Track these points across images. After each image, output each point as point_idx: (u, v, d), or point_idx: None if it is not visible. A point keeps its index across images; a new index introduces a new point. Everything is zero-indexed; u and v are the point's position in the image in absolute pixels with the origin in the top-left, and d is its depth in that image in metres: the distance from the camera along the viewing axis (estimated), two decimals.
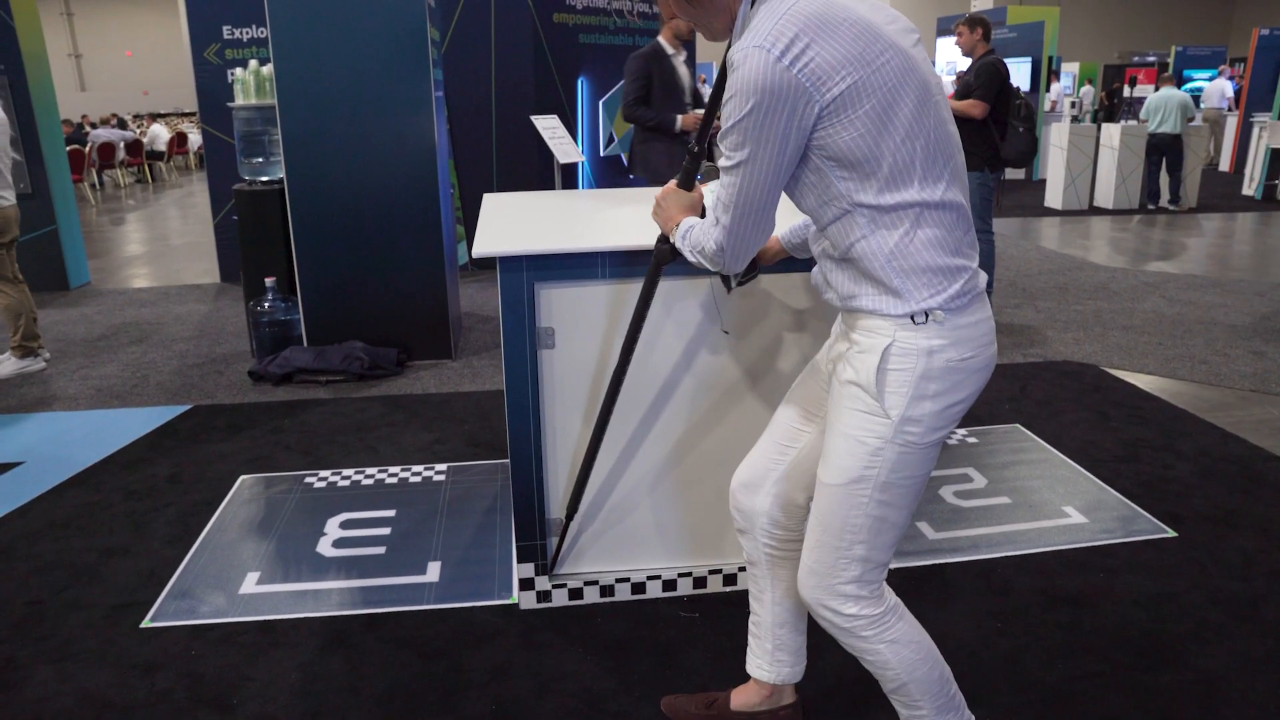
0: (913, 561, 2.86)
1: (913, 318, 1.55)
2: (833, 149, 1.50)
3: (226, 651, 2.51)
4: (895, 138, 1.49)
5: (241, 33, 7.32)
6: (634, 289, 2.42)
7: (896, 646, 1.72)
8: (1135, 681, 2.29)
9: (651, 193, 3.77)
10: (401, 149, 4.81)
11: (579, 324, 2.45)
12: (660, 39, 5.16)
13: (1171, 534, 3.01)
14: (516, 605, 2.65)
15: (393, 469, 3.66)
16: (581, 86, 7.31)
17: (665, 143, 5.13)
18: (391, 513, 3.28)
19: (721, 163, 1.56)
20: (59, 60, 28.13)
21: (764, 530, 1.95)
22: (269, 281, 5.01)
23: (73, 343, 5.89)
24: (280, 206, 4.99)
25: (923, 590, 2.70)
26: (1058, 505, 3.21)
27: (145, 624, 2.65)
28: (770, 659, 2.07)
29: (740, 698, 2.14)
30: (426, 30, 4.72)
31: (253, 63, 5.45)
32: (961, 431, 3.87)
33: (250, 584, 2.84)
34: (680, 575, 2.68)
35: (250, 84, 5.35)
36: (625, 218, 2.94)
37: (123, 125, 18.82)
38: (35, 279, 6.90)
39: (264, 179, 5.30)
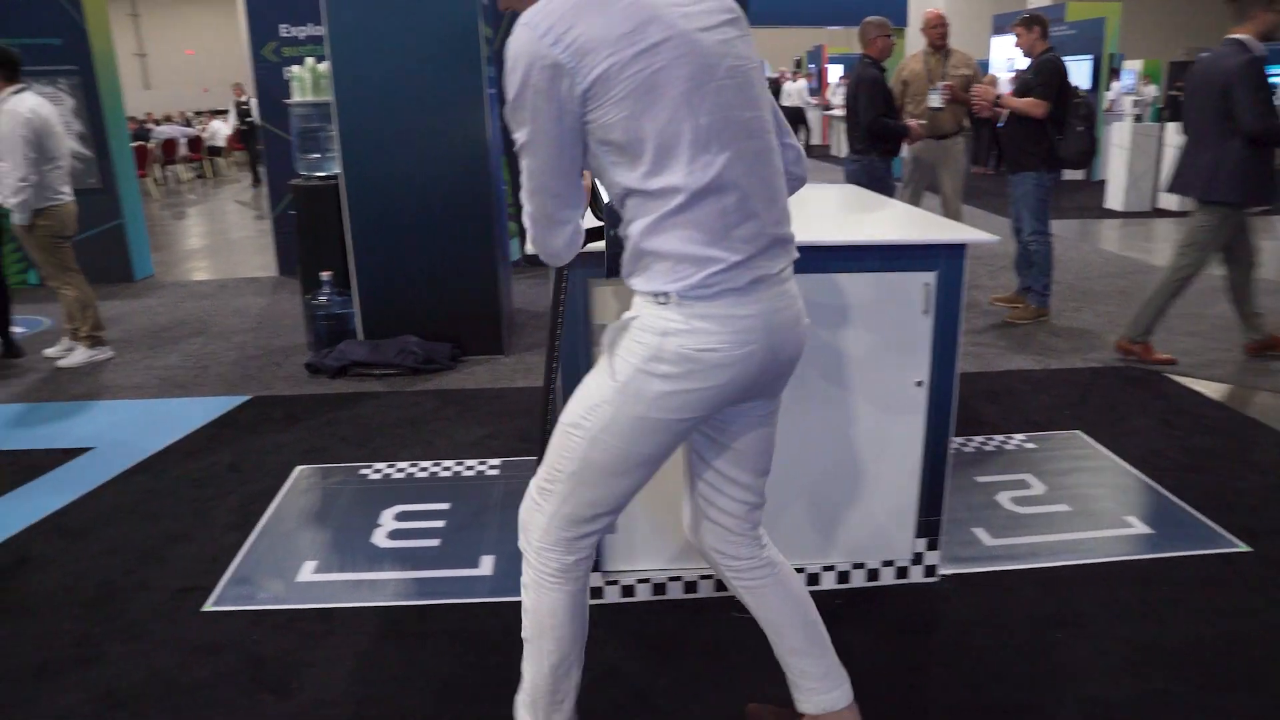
0: (969, 567, 2.82)
1: (655, 296, 1.55)
2: (601, 133, 1.49)
3: (285, 637, 2.55)
4: (659, 121, 1.46)
5: (298, 31, 7.45)
6: None
7: (537, 605, 1.77)
8: (1210, 703, 2.20)
9: None
10: (455, 145, 4.86)
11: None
12: None
13: (1245, 548, 2.91)
14: None
15: (446, 463, 3.70)
16: None
17: None
18: (445, 506, 3.31)
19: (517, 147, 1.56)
20: (125, 60, 28.80)
21: (722, 566, 1.92)
22: (325, 276, 5.09)
23: (137, 333, 6.04)
24: (336, 202, 5.06)
25: (979, 596, 2.67)
26: (1120, 515, 3.15)
27: (207, 608, 2.71)
28: (800, 690, 1.98)
29: None
30: (479, 27, 4.77)
31: (309, 60, 5.54)
32: (1019, 437, 3.81)
33: (308, 572, 2.89)
34: None
35: (307, 81, 5.44)
36: None
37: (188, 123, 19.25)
38: (101, 272, 7.10)
39: (320, 174, 5.39)
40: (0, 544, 3.15)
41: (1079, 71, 11.67)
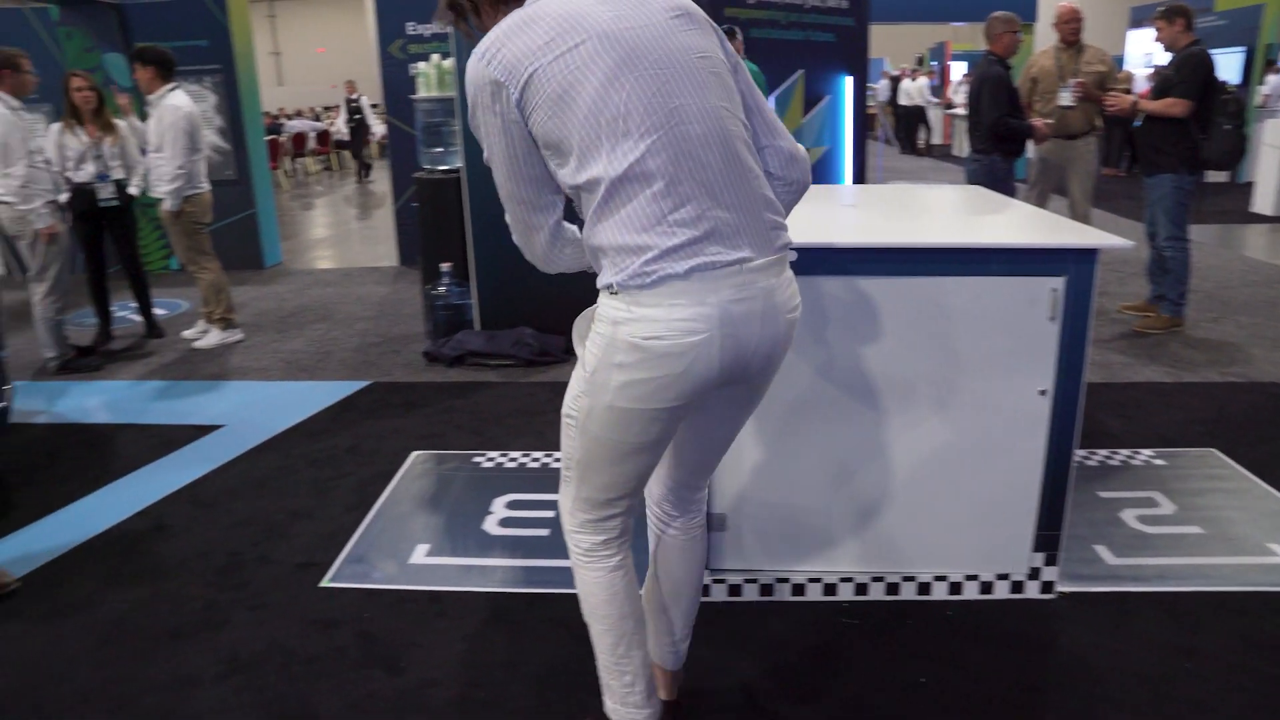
0: (1088, 586, 2.70)
1: (607, 289, 1.60)
2: (538, 136, 1.57)
3: (397, 616, 2.63)
4: (578, 115, 1.52)
5: (424, 29, 7.66)
6: (806, 286, 2.39)
7: (581, 586, 1.87)
8: None
9: (823, 190, 3.70)
10: None
11: None
12: None
13: None
14: None
15: (558, 454, 3.73)
16: None
17: None
18: (556, 496, 3.35)
19: None
20: (261, 58, 30.15)
21: (652, 512, 2.03)
22: (445, 267, 5.23)
23: (266, 318, 6.32)
24: (458, 194, 5.19)
25: (1099, 617, 2.55)
26: (1261, 541, 2.96)
27: (325, 583, 2.82)
28: (662, 643, 2.10)
29: None
30: None
31: (435, 56, 5.70)
32: (1147, 452, 3.62)
33: (420, 555, 2.97)
34: (842, 580, 2.63)
35: (432, 77, 5.59)
36: (797, 215, 2.90)
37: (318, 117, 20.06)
38: (234, 258, 7.47)
39: (444, 168, 5.53)
40: (140, 511, 3.35)
41: (1228, 65, 11.02)
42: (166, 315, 6.44)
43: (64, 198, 5.25)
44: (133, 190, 5.61)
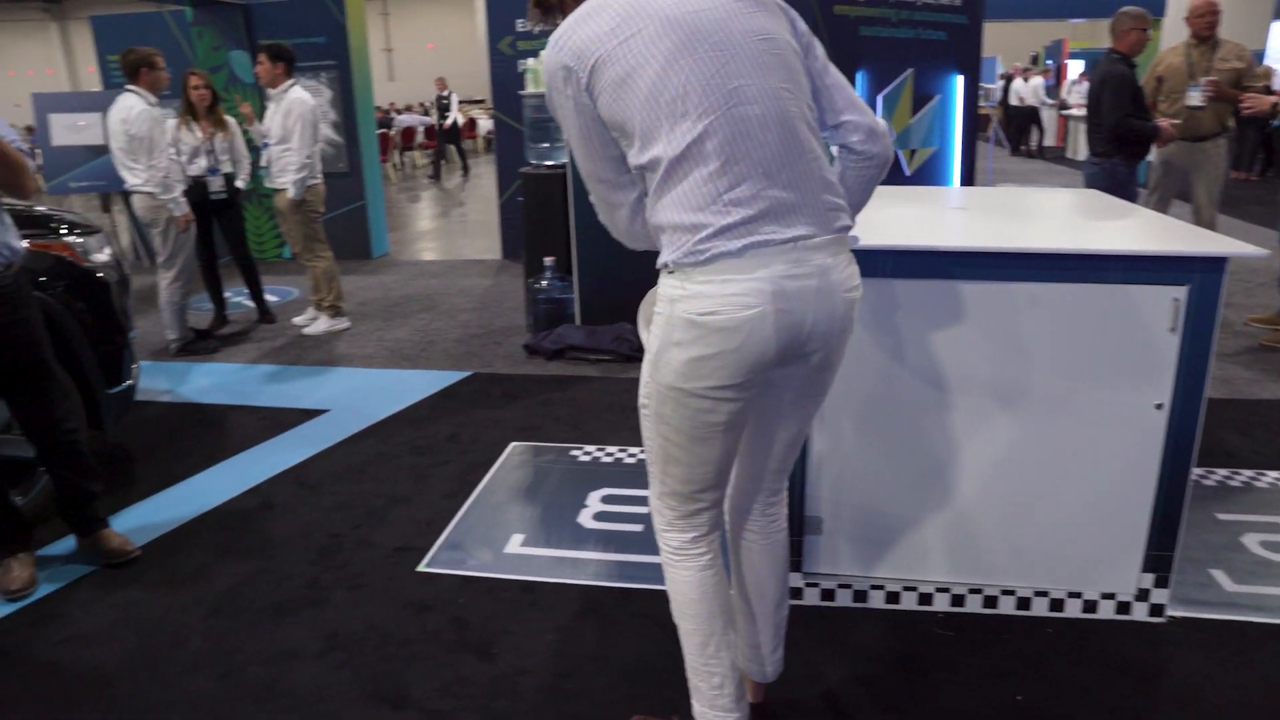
0: (1203, 612, 2.56)
1: (665, 268, 1.63)
2: (605, 118, 1.63)
3: (490, 604, 2.68)
4: (639, 98, 1.57)
5: (534, 26, 7.75)
6: (912, 290, 2.34)
7: (671, 585, 1.88)
8: None
9: (930, 192, 3.62)
10: None
11: (859, 321, 2.38)
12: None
13: None
14: None
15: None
16: (860, 80, 7.14)
17: None
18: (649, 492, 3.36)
19: None
20: (374, 54, 31.09)
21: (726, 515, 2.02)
22: (548, 261, 5.29)
23: (372, 307, 6.51)
24: (563, 190, 5.24)
25: (1213, 646, 2.42)
26: None
27: (421, 568, 2.89)
28: (752, 659, 2.11)
29: None
30: None
31: (544, 53, 5.75)
32: (1273, 474, 3.43)
33: (515, 544, 3.02)
34: (938, 590, 2.57)
35: (541, 73, 5.65)
36: (903, 216, 2.84)
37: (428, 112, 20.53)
38: (344, 248, 7.71)
39: (549, 163, 5.59)
40: (250, 489, 3.49)
41: None
42: (278, 302, 6.69)
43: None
44: (239, 184, 5.85)
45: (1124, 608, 2.51)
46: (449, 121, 16.61)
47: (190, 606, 2.72)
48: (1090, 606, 2.52)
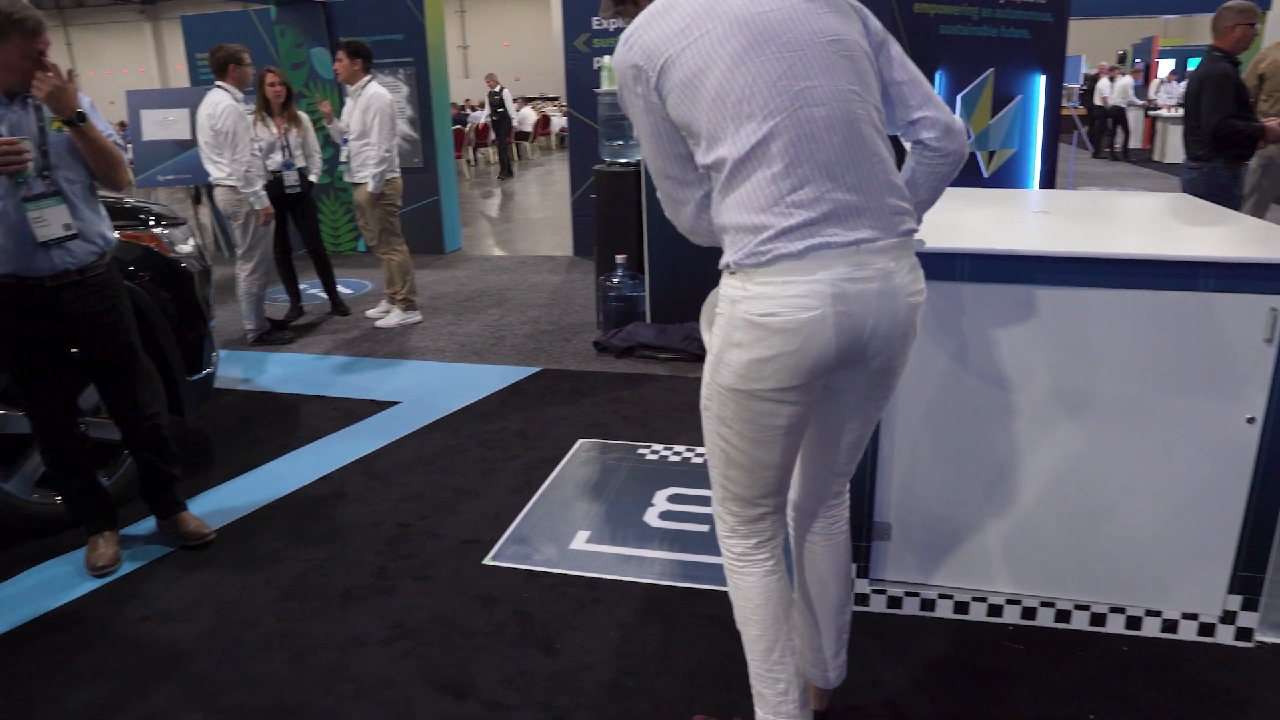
0: None
1: (727, 269, 1.64)
2: (674, 118, 1.64)
3: (555, 599, 2.69)
4: (706, 99, 1.58)
5: (610, 24, 7.78)
6: (992, 294, 2.29)
7: (735, 591, 1.87)
8: None
9: (1009, 194, 3.53)
10: None
11: (931, 325, 2.35)
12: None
13: None
14: None
15: None
16: (939, 80, 7.00)
17: None
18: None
19: None
20: (450, 51, 31.58)
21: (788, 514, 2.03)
22: (619, 258, 5.30)
23: (444, 301, 6.60)
24: (636, 187, 5.25)
25: None
26: None
27: (487, 561, 2.91)
28: (812, 665, 2.08)
29: None
30: None
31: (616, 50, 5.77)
32: None
33: (580, 541, 3.03)
34: (1008, 602, 2.50)
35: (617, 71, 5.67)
36: (985, 219, 2.78)
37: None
38: (417, 243, 7.84)
39: (623, 161, 5.60)
40: (321, 478, 3.57)
41: None
42: (351, 295, 6.83)
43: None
44: (313, 178, 5.98)
45: (1207, 629, 2.41)
46: (496, 118, 16.53)
47: (262, 589, 2.78)
48: (1170, 626, 2.43)
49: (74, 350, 2.84)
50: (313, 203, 6.12)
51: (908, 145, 1.79)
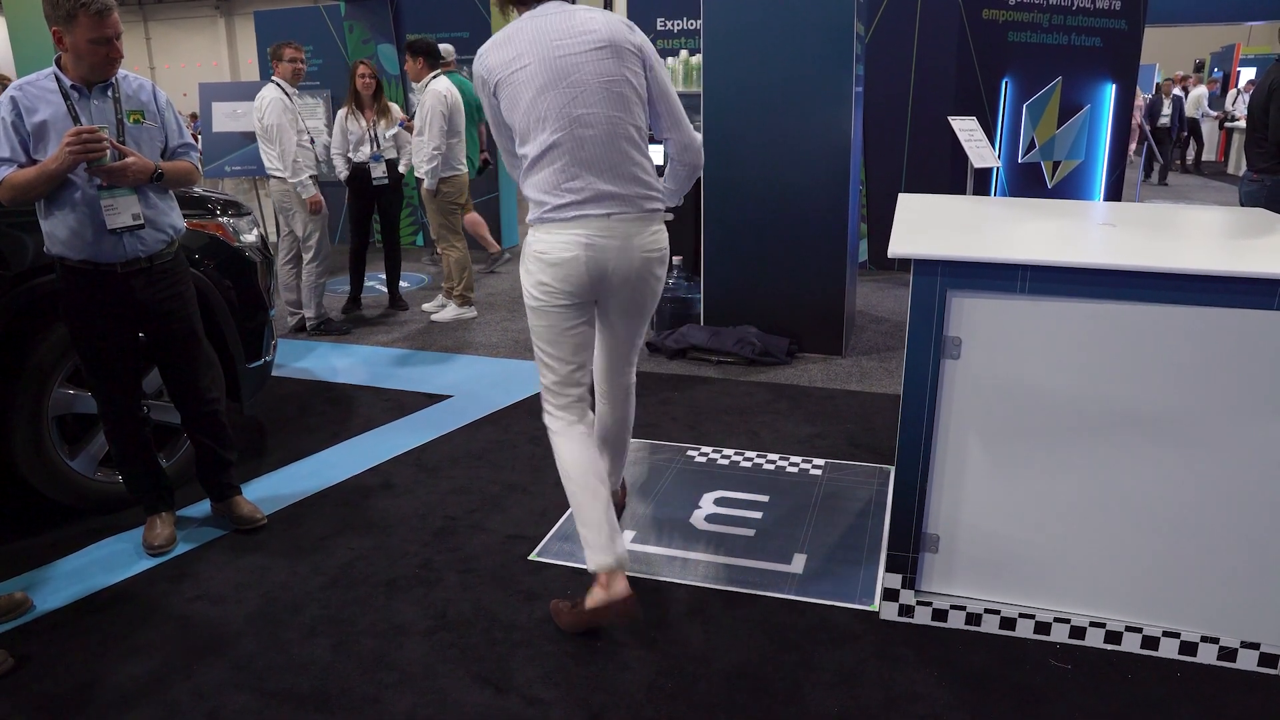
0: None
1: (529, 224, 2.45)
2: (504, 116, 2.46)
3: None
4: (520, 112, 2.40)
5: (673, 24, 7.79)
6: (1056, 308, 2.24)
7: (557, 455, 2.58)
8: None
9: (1073, 206, 3.45)
10: (816, 144, 4.81)
11: (989, 337, 2.30)
12: None
13: None
14: (876, 614, 2.57)
15: (771, 456, 3.70)
16: (1006, 87, 6.88)
17: None
18: (765, 498, 3.32)
19: None
20: None
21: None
22: (676, 260, 5.28)
23: (499, 297, 6.65)
24: (694, 189, 5.22)
25: None
26: None
27: (532, 556, 2.93)
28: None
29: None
30: (853, 26, 4.67)
31: (683, 52, 5.77)
32: None
33: (626, 540, 3.00)
34: (1056, 620, 2.44)
35: (679, 72, 5.68)
36: (1047, 230, 2.72)
37: None
38: (476, 240, 7.90)
39: None
40: (371, 468, 3.61)
41: None
42: (408, 289, 6.92)
43: (343, 175, 5.80)
44: (402, 169, 6.07)
45: (1269, 660, 2.33)
46: None
47: (310, 576, 2.83)
48: (1228, 654, 2.35)
49: (140, 335, 2.91)
50: (400, 195, 6.19)
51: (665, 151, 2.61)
